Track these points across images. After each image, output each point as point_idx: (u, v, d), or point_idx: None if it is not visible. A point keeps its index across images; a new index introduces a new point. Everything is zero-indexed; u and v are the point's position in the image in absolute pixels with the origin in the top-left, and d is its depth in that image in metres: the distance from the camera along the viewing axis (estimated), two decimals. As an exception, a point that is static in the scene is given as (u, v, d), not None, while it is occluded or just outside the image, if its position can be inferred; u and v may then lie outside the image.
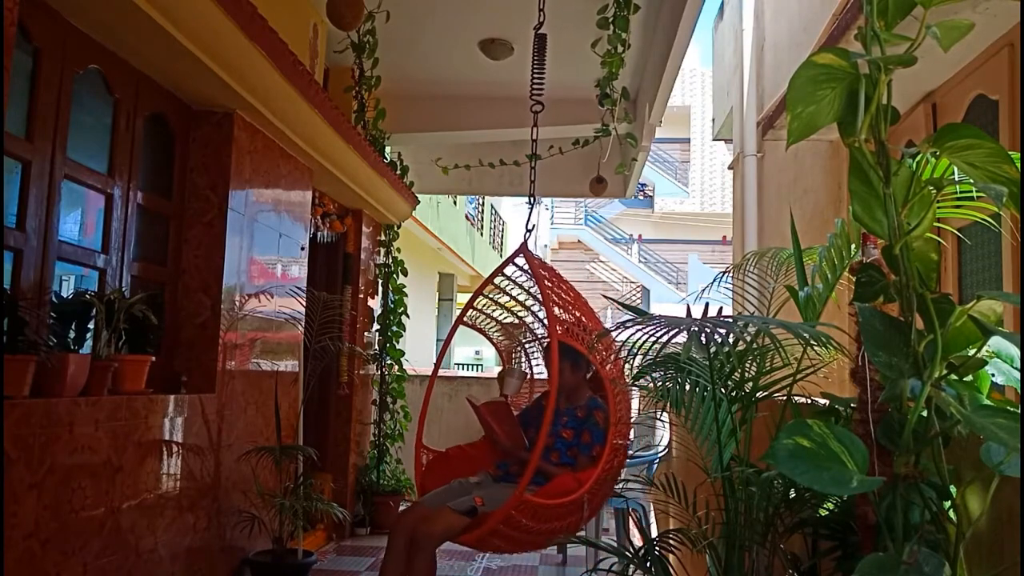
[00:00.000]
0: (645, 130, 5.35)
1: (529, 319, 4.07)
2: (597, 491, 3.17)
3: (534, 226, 3.55)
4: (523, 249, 3.49)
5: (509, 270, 3.70)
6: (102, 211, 2.92)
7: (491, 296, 3.94)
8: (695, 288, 2.29)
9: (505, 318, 4.06)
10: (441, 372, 3.93)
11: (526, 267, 3.62)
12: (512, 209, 20.09)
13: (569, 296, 3.49)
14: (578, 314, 3.44)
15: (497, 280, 3.79)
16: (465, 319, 3.94)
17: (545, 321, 3.93)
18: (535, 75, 3.61)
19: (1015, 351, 1.44)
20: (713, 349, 1.75)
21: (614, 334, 1.70)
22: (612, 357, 3.35)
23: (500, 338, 4.15)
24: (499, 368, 4.26)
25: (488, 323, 4.07)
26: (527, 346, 4.20)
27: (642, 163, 6.15)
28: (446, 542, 3.12)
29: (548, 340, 3.82)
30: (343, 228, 5.21)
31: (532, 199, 3.66)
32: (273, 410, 3.77)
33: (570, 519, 3.12)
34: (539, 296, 3.85)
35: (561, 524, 3.10)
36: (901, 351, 1.27)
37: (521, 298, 3.93)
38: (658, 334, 1.53)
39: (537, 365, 4.16)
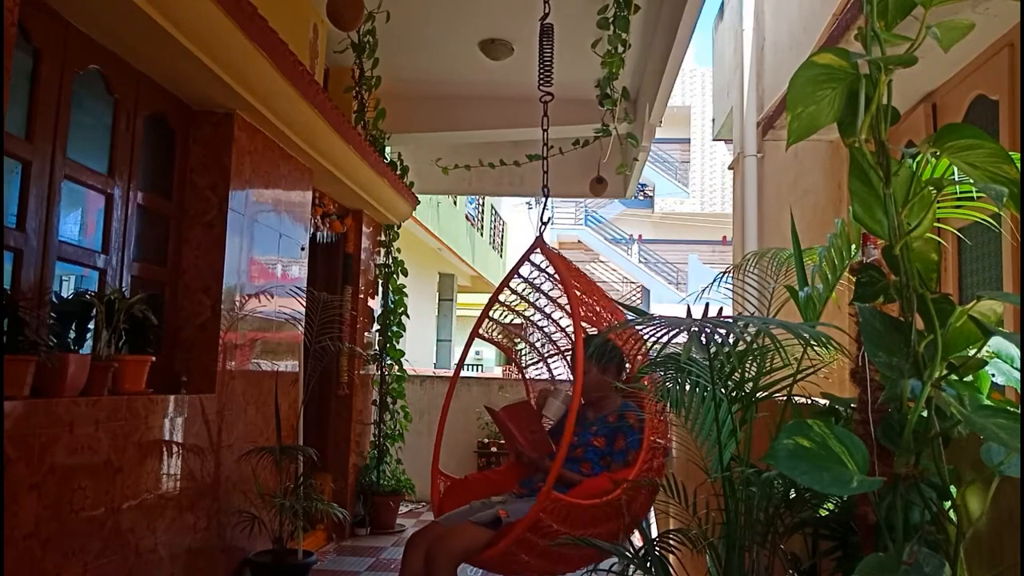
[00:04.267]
0: (645, 130, 5.35)
1: (546, 325, 3.83)
2: (636, 495, 2.85)
3: (550, 219, 3.37)
4: (539, 243, 3.30)
5: (524, 270, 3.52)
6: (102, 211, 2.92)
7: (506, 303, 3.72)
8: (695, 288, 2.28)
9: (521, 327, 3.84)
10: (441, 372, 3.85)
11: (541, 264, 3.45)
12: (512, 209, 20.08)
13: (591, 290, 3.25)
14: (600, 308, 3.20)
15: (514, 284, 3.59)
16: (480, 331, 3.66)
17: (566, 326, 3.72)
18: (543, 64, 3.56)
19: (1015, 351, 1.44)
20: (713, 349, 1.75)
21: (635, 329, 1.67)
22: (640, 347, 2.92)
23: (508, 342, 3.89)
24: (501, 368, 4.12)
25: (501, 334, 3.81)
26: (547, 355, 3.89)
27: (642, 163, 6.15)
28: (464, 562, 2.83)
29: (572, 346, 3.58)
30: (343, 228, 5.21)
31: (546, 191, 3.52)
32: (273, 410, 3.77)
33: (607, 525, 2.78)
34: (555, 297, 3.67)
35: (597, 531, 2.72)
36: (901, 351, 1.27)
37: (540, 303, 3.71)
38: (658, 334, 1.53)
39: (561, 374, 3.83)
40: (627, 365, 3.19)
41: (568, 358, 3.71)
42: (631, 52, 4.41)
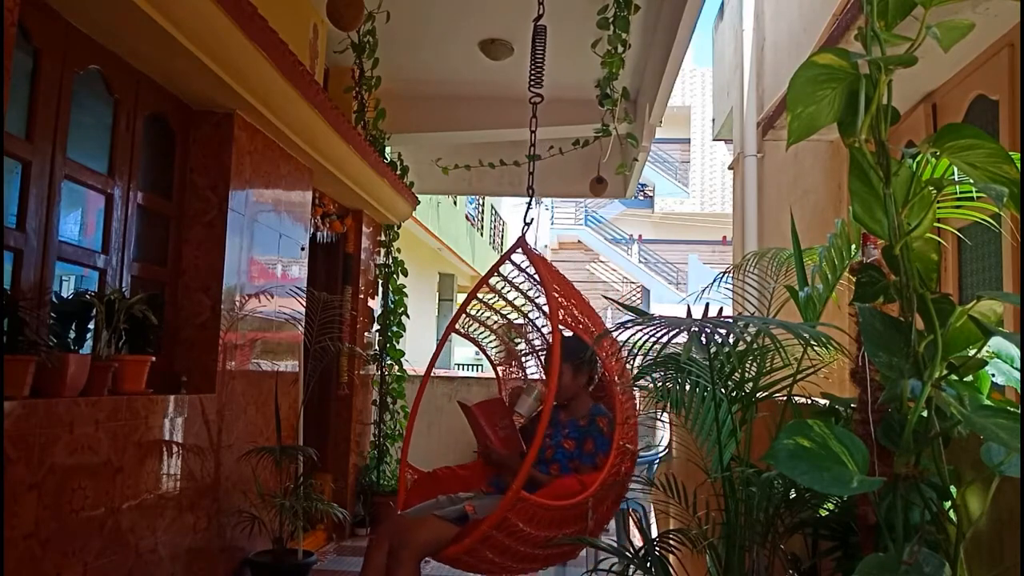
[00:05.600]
0: (645, 130, 5.35)
1: (525, 324, 3.86)
2: (603, 499, 2.87)
3: (532, 220, 3.38)
4: (521, 243, 3.31)
5: (506, 270, 3.56)
6: (102, 211, 2.92)
7: (485, 300, 3.74)
8: (695, 288, 2.28)
9: (499, 324, 3.86)
10: (441, 373, 3.84)
11: (523, 264, 3.46)
12: (512, 209, 20.06)
13: (570, 294, 3.28)
14: (579, 313, 3.24)
15: (493, 282, 3.62)
16: (458, 326, 3.69)
17: (542, 326, 3.78)
18: (534, 65, 3.56)
19: (1015, 351, 1.43)
20: (713, 349, 1.75)
21: (615, 334, 1.70)
22: (616, 356, 3.11)
23: (493, 345, 3.90)
24: (501, 370, 4.12)
25: (481, 331, 3.83)
26: (523, 356, 3.92)
27: (642, 163, 6.15)
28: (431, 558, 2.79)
29: (546, 346, 3.68)
30: (343, 228, 5.21)
31: (531, 192, 3.52)
32: (273, 410, 3.77)
33: (572, 527, 2.80)
34: (536, 299, 3.70)
35: (561, 533, 2.77)
36: (901, 351, 1.27)
37: (518, 302, 3.74)
38: (658, 334, 1.53)
39: (534, 374, 3.88)
40: (600, 369, 3.24)
41: (542, 357, 3.73)
42: (631, 52, 4.41)
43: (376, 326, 5.76)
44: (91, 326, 2.62)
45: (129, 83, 2.98)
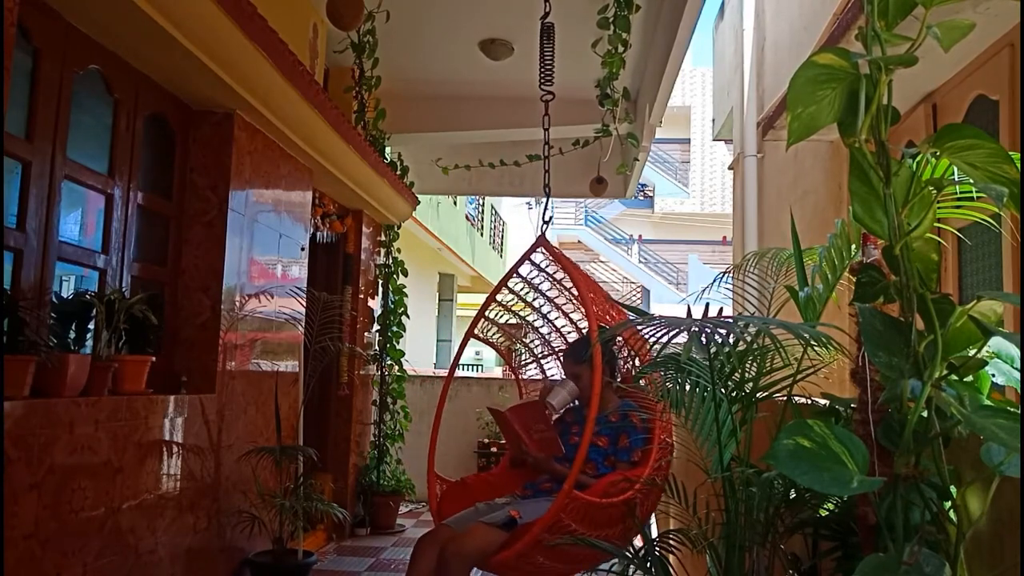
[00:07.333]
0: (645, 130, 5.35)
1: (542, 325, 3.84)
2: (648, 493, 2.84)
3: (551, 218, 3.38)
4: (542, 242, 3.31)
5: (524, 270, 3.54)
6: (102, 211, 2.92)
7: (502, 302, 3.72)
8: (695, 288, 2.28)
9: (513, 323, 3.87)
10: (441, 372, 3.84)
11: (542, 264, 3.48)
12: (512, 209, 20.08)
13: (595, 290, 3.23)
14: (609, 308, 3.19)
15: (510, 282, 3.60)
16: (476, 331, 3.66)
17: (559, 325, 3.78)
18: (544, 64, 3.57)
19: (1015, 351, 1.44)
20: (713, 349, 1.75)
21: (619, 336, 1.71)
22: (641, 346, 3.05)
23: (505, 343, 3.89)
24: (501, 368, 4.15)
25: (497, 333, 3.81)
26: (539, 353, 3.91)
27: (642, 163, 6.15)
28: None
29: (563, 348, 3.69)
30: (343, 228, 5.21)
31: (547, 189, 3.53)
32: (273, 410, 3.77)
33: (621, 526, 2.77)
34: (552, 297, 3.70)
35: (611, 532, 2.72)
36: (901, 351, 1.27)
37: (536, 303, 3.73)
38: (658, 334, 1.53)
39: (551, 370, 3.88)
40: (619, 363, 3.23)
41: (561, 358, 3.69)
42: (631, 52, 4.41)
43: (376, 326, 5.76)
44: (91, 326, 2.62)
45: (129, 83, 2.98)
